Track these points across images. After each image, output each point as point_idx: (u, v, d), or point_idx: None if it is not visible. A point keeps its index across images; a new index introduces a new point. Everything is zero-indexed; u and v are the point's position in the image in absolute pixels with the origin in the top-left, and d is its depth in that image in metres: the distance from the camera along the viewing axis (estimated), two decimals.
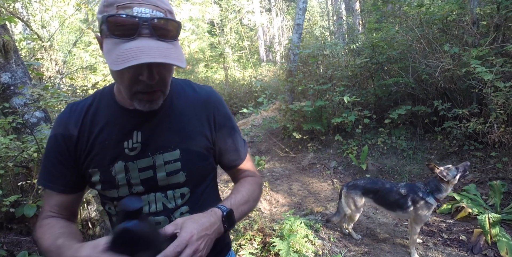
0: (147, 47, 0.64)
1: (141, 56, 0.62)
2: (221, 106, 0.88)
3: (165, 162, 0.79)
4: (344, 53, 6.52)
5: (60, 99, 2.05)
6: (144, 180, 0.79)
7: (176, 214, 0.81)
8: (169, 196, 0.81)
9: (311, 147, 5.30)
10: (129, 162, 0.78)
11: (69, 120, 0.80)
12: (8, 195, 1.85)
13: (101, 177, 0.78)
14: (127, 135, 0.79)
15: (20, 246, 1.89)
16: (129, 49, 0.63)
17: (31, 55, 4.42)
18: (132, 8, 0.64)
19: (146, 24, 0.64)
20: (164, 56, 0.64)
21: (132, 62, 0.61)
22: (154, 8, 0.66)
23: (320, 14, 17.68)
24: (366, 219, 3.23)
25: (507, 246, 2.51)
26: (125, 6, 0.64)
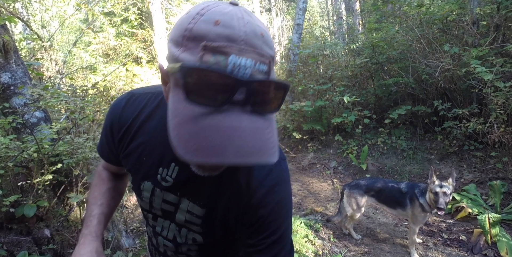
0: (238, 130, 0.44)
1: (228, 149, 0.42)
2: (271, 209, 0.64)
3: (188, 211, 0.69)
4: (344, 53, 6.53)
5: (60, 99, 2.05)
6: (164, 210, 0.73)
7: (183, 248, 0.77)
8: (182, 233, 0.74)
9: (311, 147, 5.30)
10: (157, 189, 0.70)
11: (122, 116, 0.71)
12: (8, 195, 1.85)
13: (132, 182, 0.76)
14: (165, 163, 0.67)
15: (20, 246, 1.89)
16: (212, 128, 0.43)
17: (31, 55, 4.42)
18: (228, 56, 0.43)
19: (243, 88, 0.44)
20: (259, 150, 0.44)
21: (213, 160, 0.42)
22: (259, 58, 0.45)
23: (320, 14, 17.68)
24: (366, 219, 3.23)
25: (507, 246, 2.51)
26: (218, 49, 0.43)
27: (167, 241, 0.77)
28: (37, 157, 1.89)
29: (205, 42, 0.44)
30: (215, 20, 0.45)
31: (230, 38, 0.44)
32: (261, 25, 0.49)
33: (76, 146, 2.06)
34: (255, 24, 0.47)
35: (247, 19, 0.46)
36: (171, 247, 0.77)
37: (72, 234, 2.10)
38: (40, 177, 1.88)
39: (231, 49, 0.43)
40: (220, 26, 0.44)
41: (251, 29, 0.45)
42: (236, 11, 0.47)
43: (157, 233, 0.78)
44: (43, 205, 1.92)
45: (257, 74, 0.45)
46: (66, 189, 2.15)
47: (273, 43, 0.50)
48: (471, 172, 3.91)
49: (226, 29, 0.44)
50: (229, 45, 0.43)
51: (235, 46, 0.44)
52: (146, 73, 7.60)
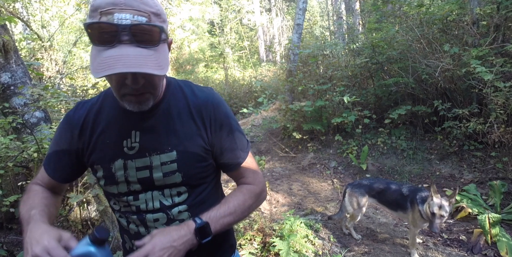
0: (125, 55, 0.64)
1: (117, 65, 0.63)
2: (220, 108, 0.87)
3: (161, 163, 0.80)
4: (344, 53, 6.52)
5: (60, 99, 2.05)
6: (141, 179, 0.81)
7: (174, 211, 0.83)
8: (165, 193, 0.83)
9: (311, 147, 5.30)
10: (128, 160, 0.81)
11: (74, 117, 0.85)
12: (8, 195, 1.85)
13: (104, 173, 0.82)
14: (126, 134, 0.81)
15: (20, 246, 1.89)
16: (108, 57, 0.64)
17: (31, 55, 4.42)
18: (113, 14, 0.64)
19: (125, 31, 0.65)
20: (140, 65, 0.64)
21: (108, 72, 0.62)
22: (136, 12, 0.66)
23: (320, 14, 17.68)
24: (366, 219, 3.23)
25: (507, 246, 2.51)
26: (107, 12, 0.64)
27: (156, 213, 0.83)
28: (37, 157, 1.89)
29: (100, 10, 0.65)
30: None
31: (114, 3, 0.65)
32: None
33: None
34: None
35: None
36: (162, 217, 0.83)
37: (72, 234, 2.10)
38: None
39: (114, 10, 0.64)
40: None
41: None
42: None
43: (143, 211, 0.83)
44: None
45: (136, 22, 0.65)
46: (66, 189, 2.15)
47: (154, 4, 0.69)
48: (471, 172, 3.91)
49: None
50: (112, 8, 0.64)
51: (117, 7, 0.64)
52: None
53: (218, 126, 0.85)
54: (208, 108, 0.84)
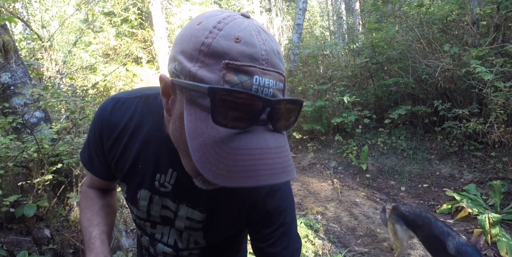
0: (266, 150, 0.44)
1: (261, 170, 0.42)
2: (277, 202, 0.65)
3: (187, 217, 0.69)
4: (344, 53, 6.53)
5: (60, 99, 2.05)
6: (164, 216, 0.72)
7: (185, 253, 0.76)
8: (183, 237, 0.74)
9: (311, 147, 5.30)
10: (155, 196, 0.69)
11: (110, 121, 0.69)
12: (8, 195, 1.85)
13: (127, 191, 0.73)
14: (162, 169, 0.67)
15: (20, 246, 1.89)
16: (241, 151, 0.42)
17: (31, 55, 4.42)
18: (252, 76, 0.42)
19: (269, 107, 0.43)
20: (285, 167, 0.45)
21: (248, 183, 0.41)
22: (278, 77, 0.45)
23: (320, 14, 17.68)
24: (366, 219, 3.23)
25: (507, 246, 2.51)
26: (241, 68, 0.42)
27: (167, 247, 0.75)
28: (37, 157, 1.88)
29: (227, 60, 0.42)
30: (235, 37, 0.43)
31: (252, 57, 0.43)
32: (275, 41, 0.48)
33: (76, 146, 2.06)
34: (271, 41, 0.47)
35: (264, 36, 0.46)
36: (171, 253, 0.76)
37: (72, 234, 2.10)
38: (40, 177, 1.88)
39: (254, 70, 0.42)
40: (241, 43, 0.43)
41: (270, 47, 0.45)
42: (253, 26, 0.46)
43: (156, 239, 0.76)
44: (43, 205, 1.92)
45: (277, 93, 0.45)
46: (66, 189, 2.15)
47: (283, 60, 0.49)
48: (471, 172, 3.91)
49: (248, 47, 0.43)
50: (252, 65, 0.42)
51: (258, 66, 0.43)
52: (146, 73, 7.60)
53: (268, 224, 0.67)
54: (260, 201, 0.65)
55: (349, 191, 3.91)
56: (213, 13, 0.48)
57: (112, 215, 0.85)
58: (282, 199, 0.66)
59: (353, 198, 3.67)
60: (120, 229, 2.43)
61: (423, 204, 3.64)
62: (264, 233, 0.67)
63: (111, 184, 0.85)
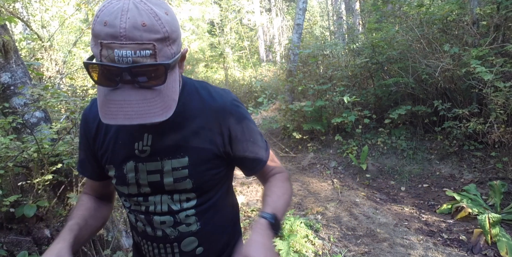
0: (127, 101, 0.61)
1: (119, 115, 0.60)
2: (239, 112, 0.82)
3: (172, 168, 0.79)
4: (344, 53, 6.52)
5: (60, 99, 2.05)
6: (152, 182, 0.80)
7: (181, 215, 0.82)
8: (174, 198, 0.82)
9: (311, 147, 5.30)
10: (139, 163, 0.80)
11: (89, 115, 0.85)
12: (8, 195, 1.85)
13: (115, 173, 0.83)
14: (138, 136, 0.80)
15: (20, 246, 1.89)
16: (111, 102, 0.61)
17: (31, 55, 4.41)
18: (113, 50, 0.58)
19: (126, 71, 0.59)
20: (142, 114, 0.61)
21: (111, 122, 0.61)
22: (138, 47, 0.58)
23: (320, 14, 17.68)
24: (366, 219, 3.23)
25: (507, 246, 2.51)
26: (107, 45, 0.58)
27: (163, 216, 0.82)
28: (37, 157, 1.88)
29: (100, 40, 0.58)
30: (104, 21, 0.58)
31: (113, 36, 0.57)
32: (147, 13, 0.59)
33: (76, 146, 2.06)
34: (138, 16, 0.58)
35: (130, 14, 0.58)
36: (169, 220, 0.82)
37: None
38: (40, 177, 1.88)
39: (114, 45, 0.57)
40: (107, 26, 0.58)
41: (131, 23, 0.57)
42: (122, 8, 0.58)
43: (151, 213, 0.83)
44: (43, 205, 1.92)
45: (140, 59, 0.59)
46: (66, 189, 2.15)
47: (162, 25, 0.60)
48: (471, 172, 3.92)
49: (110, 28, 0.57)
50: (112, 42, 0.57)
51: (117, 42, 0.57)
52: None
53: (239, 133, 0.82)
54: (225, 115, 0.80)
55: (349, 191, 3.91)
56: None
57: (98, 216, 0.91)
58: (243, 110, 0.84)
59: (353, 198, 3.67)
60: (120, 229, 2.43)
61: (423, 204, 3.64)
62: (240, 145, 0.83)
63: (105, 186, 0.94)
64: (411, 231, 2.98)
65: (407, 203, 3.71)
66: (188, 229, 0.83)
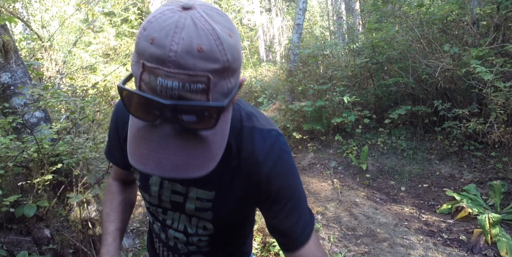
0: (163, 146, 0.49)
1: (149, 160, 0.49)
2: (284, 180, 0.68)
3: (197, 197, 0.73)
4: (344, 53, 6.52)
5: (60, 99, 2.05)
6: (174, 201, 0.76)
7: (194, 238, 0.79)
8: (192, 222, 0.77)
9: (311, 147, 5.30)
10: (165, 181, 0.74)
11: (124, 113, 0.75)
12: (8, 195, 1.85)
13: (140, 179, 0.78)
14: None
15: (20, 246, 1.89)
16: (143, 140, 0.50)
17: (31, 55, 4.41)
18: (156, 78, 0.45)
19: (167, 109, 0.47)
20: (178, 166, 0.49)
21: (139, 167, 0.49)
22: (188, 78, 0.45)
23: (320, 14, 17.68)
24: (366, 219, 3.23)
25: (507, 246, 2.51)
26: (151, 70, 0.46)
27: (178, 232, 0.79)
28: (37, 157, 1.89)
29: (143, 61, 0.46)
30: (151, 38, 0.46)
31: (159, 60, 0.45)
32: (207, 34, 0.46)
33: (76, 146, 2.06)
34: (194, 37, 0.45)
35: (185, 33, 0.45)
36: (182, 238, 0.80)
37: (72, 234, 2.10)
38: (40, 177, 1.88)
39: (158, 72, 0.45)
40: (154, 45, 0.45)
41: (184, 46, 0.44)
42: (177, 23, 0.46)
43: (167, 226, 0.80)
44: (43, 205, 1.92)
45: (188, 94, 0.46)
46: (66, 189, 2.15)
47: (223, 51, 0.47)
48: (471, 172, 3.92)
49: (157, 49, 0.45)
50: (158, 67, 0.45)
51: (162, 69, 0.45)
52: None
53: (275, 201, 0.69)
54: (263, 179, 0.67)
55: (349, 191, 3.91)
56: (159, 8, 0.49)
57: (129, 210, 0.95)
58: (285, 178, 0.68)
59: (353, 198, 3.67)
60: None
61: (423, 204, 3.64)
62: (273, 210, 0.70)
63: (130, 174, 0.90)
64: (411, 231, 2.98)
65: (407, 203, 3.71)
66: (198, 250, 0.82)
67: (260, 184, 0.67)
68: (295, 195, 0.70)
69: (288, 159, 0.70)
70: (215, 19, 0.48)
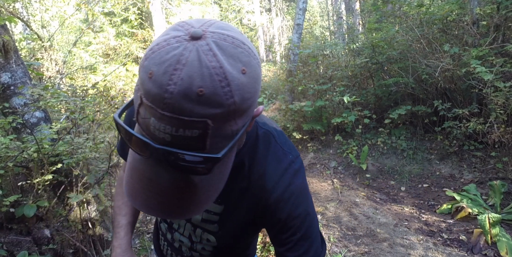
0: (154, 183, 0.46)
1: (139, 195, 0.47)
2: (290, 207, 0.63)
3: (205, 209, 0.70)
4: (344, 53, 6.53)
5: (60, 99, 2.05)
6: None
7: (198, 246, 0.79)
8: (197, 233, 0.76)
9: (311, 147, 5.30)
10: None
11: None
12: (8, 195, 1.85)
13: None
14: None
15: (20, 246, 1.89)
16: (136, 170, 0.48)
17: (31, 55, 4.41)
18: (150, 118, 0.42)
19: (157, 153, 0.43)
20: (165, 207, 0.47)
21: (129, 199, 0.48)
22: (181, 124, 0.40)
23: (320, 14, 17.69)
24: (366, 219, 3.23)
25: (507, 246, 2.51)
26: (147, 106, 0.42)
27: (183, 237, 0.80)
28: (37, 157, 1.89)
29: (141, 94, 0.42)
30: (150, 71, 0.41)
31: (155, 99, 0.40)
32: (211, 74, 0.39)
33: (76, 146, 2.06)
34: (195, 76, 0.39)
35: (186, 72, 0.39)
36: (187, 243, 0.80)
37: (72, 234, 2.10)
38: (40, 177, 1.88)
39: (153, 112, 0.41)
40: (151, 81, 0.40)
41: (182, 88, 0.39)
42: (180, 58, 0.40)
43: (174, 228, 0.81)
44: (43, 205, 1.92)
45: (182, 140, 0.41)
46: (66, 189, 2.15)
47: (231, 93, 0.41)
48: (471, 172, 3.92)
49: (154, 86, 0.40)
50: (152, 107, 0.40)
51: (156, 110, 0.40)
52: None
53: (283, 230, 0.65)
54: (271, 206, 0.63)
55: (349, 191, 3.91)
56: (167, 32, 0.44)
57: None
58: (294, 207, 0.63)
59: (353, 198, 3.67)
60: None
61: (423, 204, 3.64)
62: (280, 238, 0.66)
63: None
64: (411, 231, 2.98)
65: (407, 203, 3.71)
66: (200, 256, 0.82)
67: (266, 211, 0.64)
68: (305, 223, 0.65)
69: (299, 185, 0.65)
70: (228, 52, 0.42)
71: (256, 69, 0.45)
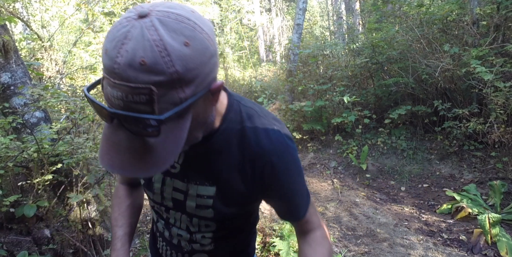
0: (116, 145, 0.53)
1: (105, 156, 0.53)
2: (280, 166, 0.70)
3: (197, 194, 0.74)
4: (344, 53, 6.53)
5: (60, 99, 2.05)
6: (175, 199, 0.77)
7: (197, 236, 0.80)
8: (193, 222, 0.78)
9: (311, 147, 5.30)
10: (167, 177, 0.76)
11: None
12: (8, 195, 1.85)
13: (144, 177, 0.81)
14: None
15: (20, 246, 1.90)
16: (105, 135, 0.55)
17: (31, 55, 4.41)
18: (107, 86, 0.49)
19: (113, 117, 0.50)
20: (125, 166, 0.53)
21: (100, 161, 0.55)
22: (130, 90, 0.46)
23: (320, 14, 17.68)
24: (366, 219, 3.23)
25: (507, 246, 2.51)
26: (104, 77, 0.49)
27: (181, 230, 0.81)
28: (37, 157, 1.89)
29: (102, 67, 0.50)
30: (105, 48, 0.48)
31: (108, 70, 0.47)
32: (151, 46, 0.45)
33: (76, 146, 2.06)
34: (138, 49, 0.45)
35: (131, 45, 0.45)
36: (185, 236, 0.81)
37: (72, 234, 2.10)
38: (40, 177, 1.88)
39: (108, 81, 0.48)
40: (106, 55, 0.48)
41: (127, 59, 0.45)
42: (126, 34, 0.46)
43: (170, 224, 0.82)
44: (43, 205, 1.92)
45: (132, 105, 0.48)
46: (66, 189, 2.15)
47: (171, 62, 0.46)
48: (471, 172, 3.92)
49: (107, 60, 0.47)
50: (107, 77, 0.48)
51: (109, 80, 0.48)
52: None
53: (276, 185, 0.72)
54: (266, 161, 0.68)
55: (349, 191, 3.91)
56: (125, 13, 0.50)
57: (136, 213, 0.97)
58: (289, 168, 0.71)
59: (353, 198, 3.67)
60: None
61: (423, 204, 3.64)
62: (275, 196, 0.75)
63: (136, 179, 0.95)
64: (411, 231, 2.98)
65: (407, 203, 3.71)
66: (201, 248, 0.82)
67: (265, 170, 0.69)
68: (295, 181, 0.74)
69: (293, 153, 0.72)
70: (170, 27, 0.46)
71: (202, 43, 0.49)
